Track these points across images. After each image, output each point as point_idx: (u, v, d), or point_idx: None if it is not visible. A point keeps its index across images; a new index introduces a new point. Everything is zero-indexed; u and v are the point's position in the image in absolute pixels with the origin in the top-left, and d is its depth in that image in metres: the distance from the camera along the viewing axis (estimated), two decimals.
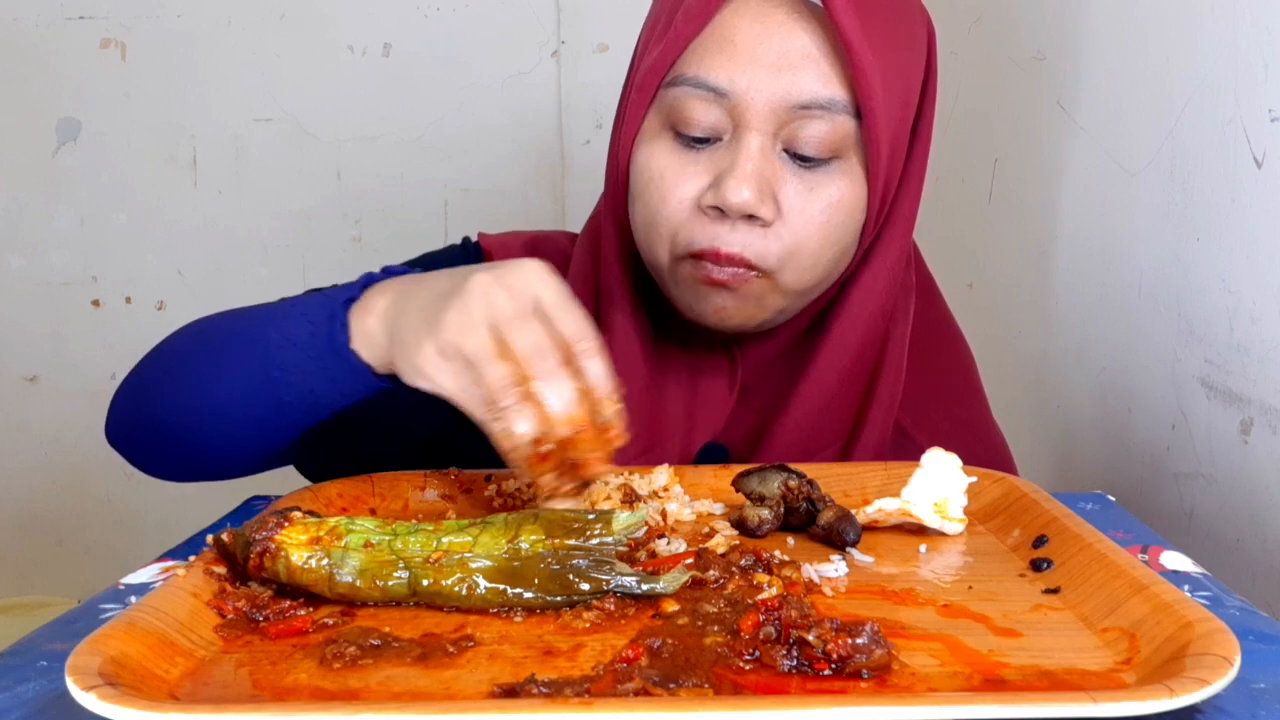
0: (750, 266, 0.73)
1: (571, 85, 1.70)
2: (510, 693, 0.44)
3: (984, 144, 1.40)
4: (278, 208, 1.72)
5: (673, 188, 0.75)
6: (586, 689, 0.44)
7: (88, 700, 0.41)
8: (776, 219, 0.73)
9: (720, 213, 0.73)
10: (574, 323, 0.62)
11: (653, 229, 0.76)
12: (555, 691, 0.44)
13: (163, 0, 1.67)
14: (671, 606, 0.53)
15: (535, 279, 0.62)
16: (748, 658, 0.47)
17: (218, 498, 0.83)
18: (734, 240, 0.73)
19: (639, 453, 0.79)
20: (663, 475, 0.70)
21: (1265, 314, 0.82)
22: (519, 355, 0.59)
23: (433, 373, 0.61)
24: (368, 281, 0.68)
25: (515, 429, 0.59)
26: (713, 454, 0.81)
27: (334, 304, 0.67)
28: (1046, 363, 1.22)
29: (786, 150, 0.73)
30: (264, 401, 0.68)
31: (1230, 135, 0.85)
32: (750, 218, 0.72)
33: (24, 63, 1.67)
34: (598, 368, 0.61)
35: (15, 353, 1.73)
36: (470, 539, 0.55)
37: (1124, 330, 1.03)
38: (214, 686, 0.46)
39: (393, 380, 0.66)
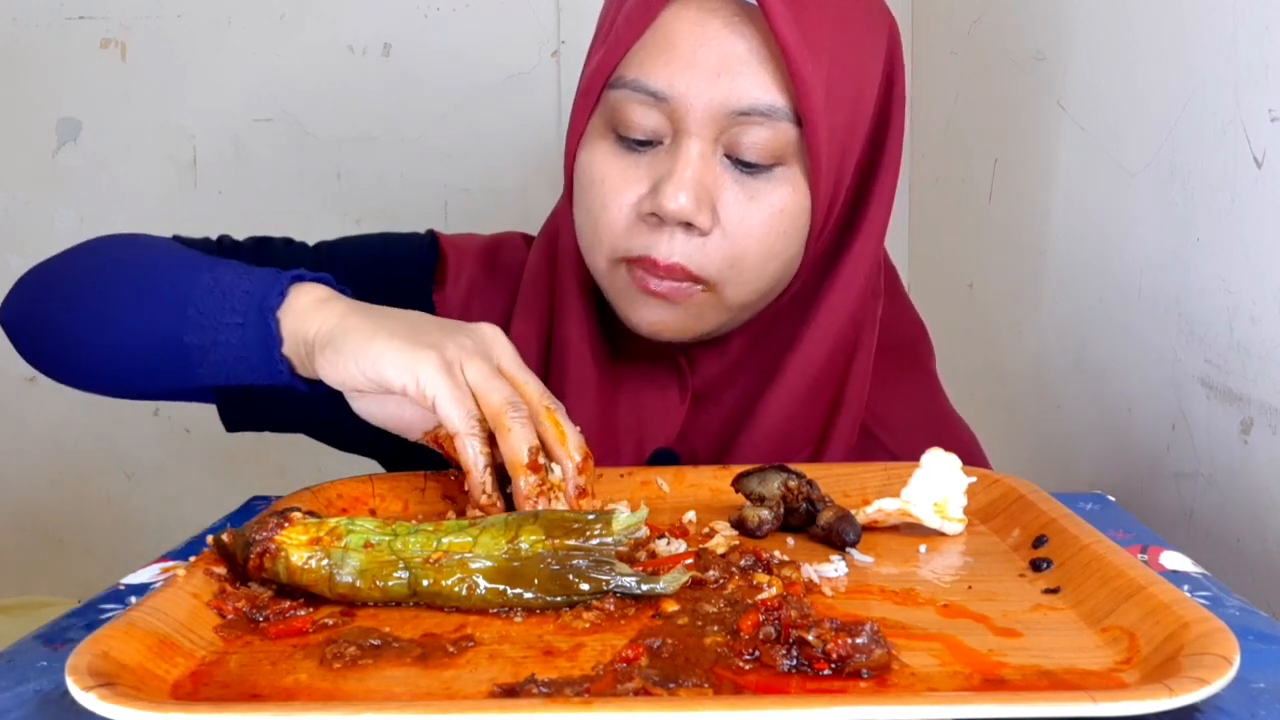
0: (691, 278, 0.73)
1: (571, 85, 1.68)
2: (510, 693, 0.44)
3: (984, 144, 1.40)
4: (278, 208, 1.72)
5: (613, 194, 0.74)
6: (586, 689, 0.44)
7: (88, 700, 0.41)
8: (715, 228, 0.72)
9: (658, 220, 0.72)
10: (536, 384, 0.66)
11: (592, 235, 0.76)
12: (555, 691, 0.44)
13: (163, 0, 1.67)
14: (671, 606, 0.53)
15: (494, 341, 0.67)
16: (748, 658, 0.47)
17: (218, 498, 0.83)
18: (673, 250, 0.72)
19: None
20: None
21: (1265, 314, 0.82)
22: (495, 406, 0.63)
23: (423, 375, 0.63)
24: (289, 281, 0.69)
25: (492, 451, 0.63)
26: (664, 460, 0.80)
27: (265, 307, 0.67)
28: (1046, 363, 1.22)
29: (728, 156, 0.72)
30: (169, 354, 0.70)
31: (1230, 135, 0.85)
32: (688, 226, 0.71)
33: (24, 63, 1.67)
34: (572, 427, 0.66)
35: (15, 353, 1.72)
36: (470, 539, 0.55)
37: (1124, 330, 1.03)
38: (214, 686, 0.46)
39: (308, 384, 0.69)
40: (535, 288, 0.84)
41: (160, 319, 0.70)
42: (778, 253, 0.74)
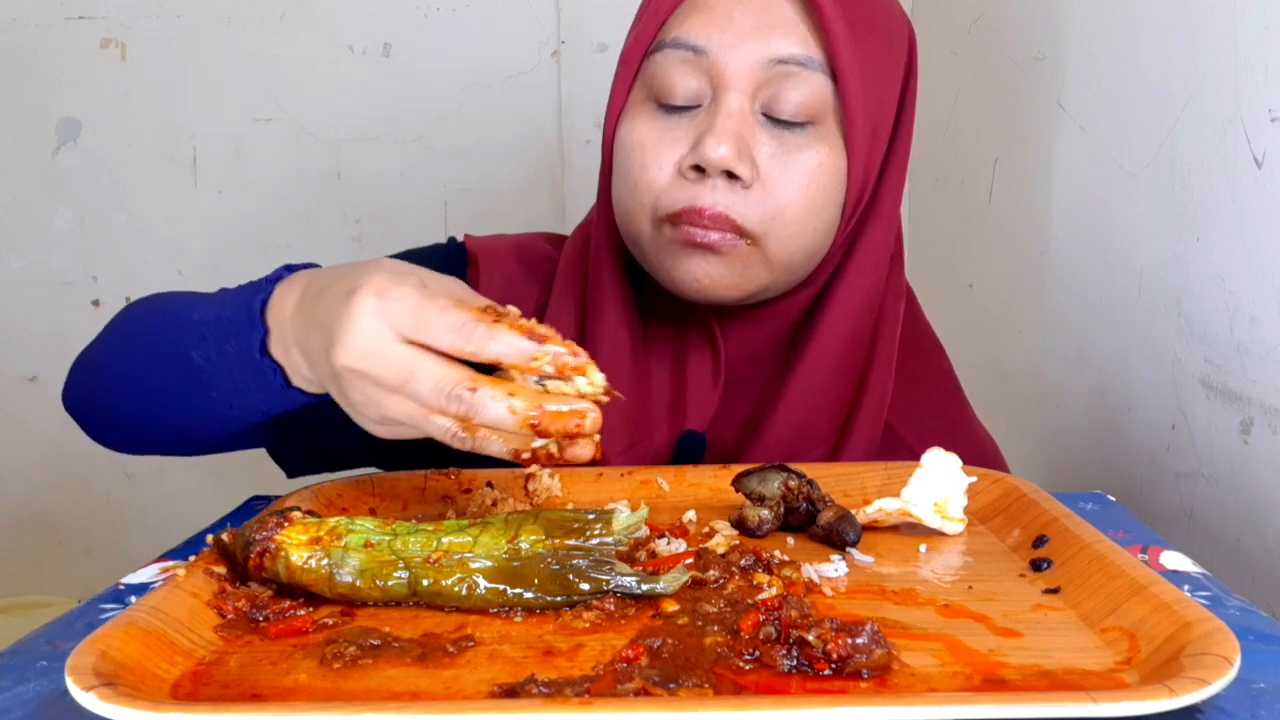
0: (736, 229, 0.73)
1: (571, 85, 1.70)
2: (510, 693, 0.44)
3: (984, 144, 1.40)
4: (278, 208, 1.72)
5: (653, 155, 0.75)
6: (586, 689, 0.44)
7: (88, 700, 0.41)
8: (755, 181, 0.73)
9: (699, 174, 0.73)
10: (446, 327, 0.54)
11: (633, 197, 0.76)
12: (555, 691, 0.44)
13: (163, 0, 1.67)
14: (671, 606, 0.53)
15: (373, 319, 0.55)
16: (748, 658, 0.47)
17: (218, 498, 0.83)
18: (716, 199, 0.73)
19: (627, 446, 0.79)
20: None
21: (1265, 314, 0.82)
22: (434, 407, 0.55)
23: (388, 436, 0.59)
24: (265, 295, 0.65)
25: (490, 452, 0.56)
26: (691, 443, 0.81)
27: (250, 346, 0.64)
28: (1046, 363, 1.22)
29: (765, 114, 0.74)
30: (185, 378, 0.67)
31: (1230, 135, 0.85)
32: (730, 178, 0.72)
33: (24, 63, 1.67)
34: (504, 343, 0.54)
35: (15, 353, 1.73)
36: (470, 539, 0.55)
37: (1124, 330, 1.03)
38: (214, 686, 0.46)
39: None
40: (571, 273, 0.84)
41: (173, 344, 0.69)
42: (819, 208, 0.75)
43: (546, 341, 0.55)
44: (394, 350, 0.55)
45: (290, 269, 0.68)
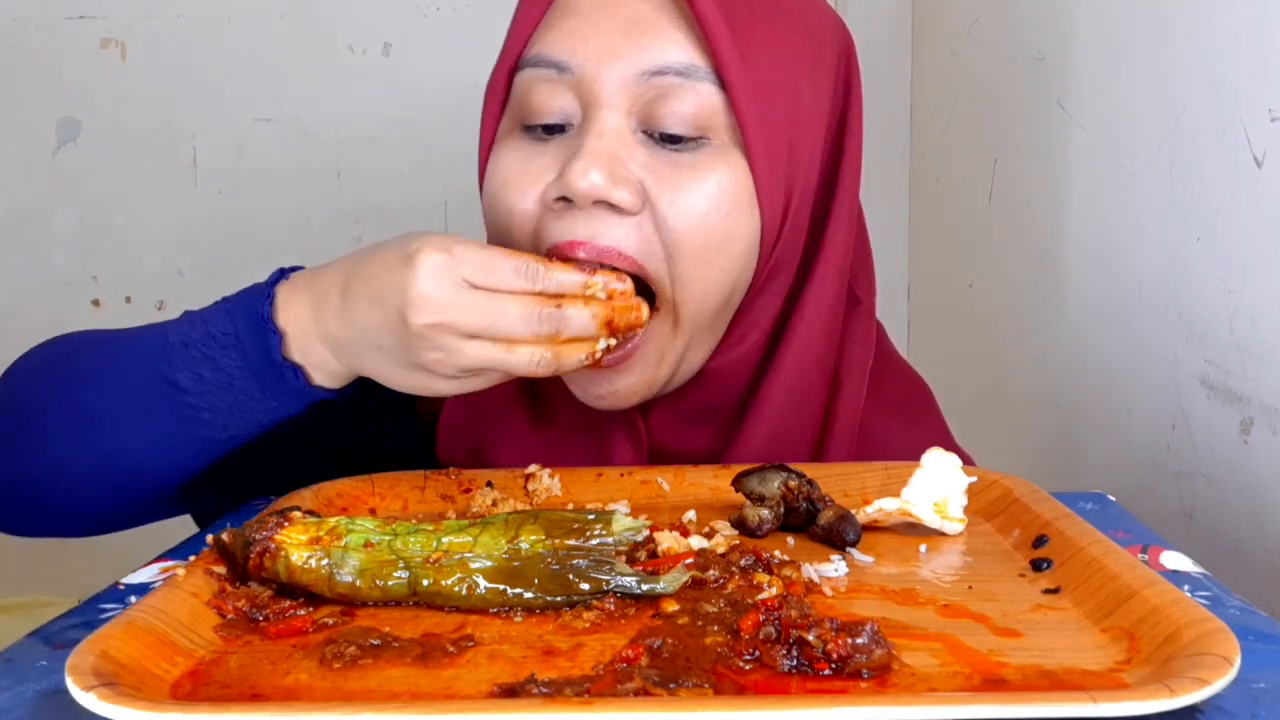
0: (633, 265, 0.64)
1: None
2: (510, 693, 0.44)
3: (984, 144, 1.40)
4: (278, 208, 1.72)
5: (516, 190, 0.66)
6: (586, 689, 0.44)
7: (88, 700, 0.41)
8: (642, 211, 0.63)
9: (567, 205, 0.64)
10: (513, 270, 0.60)
11: (501, 242, 0.67)
12: (555, 691, 0.44)
13: (163, 0, 1.67)
14: (671, 606, 0.53)
15: (443, 274, 0.59)
16: (748, 658, 0.47)
17: None
18: (594, 230, 0.63)
19: None
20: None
21: (1265, 314, 0.82)
22: (523, 338, 0.60)
23: (456, 392, 0.63)
24: (267, 307, 0.65)
25: (569, 366, 0.62)
26: None
27: (266, 350, 0.64)
28: (1046, 363, 1.22)
29: (646, 132, 0.64)
30: (167, 437, 0.66)
31: (1230, 135, 0.85)
32: (609, 209, 0.63)
33: (24, 63, 1.67)
34: (563, 275, 0.61)
35: (15, 353, 1.72)
36: (470, 539, 0.55)
37: (1124, 330, 1.03)
38: (214, 686, 0.46)
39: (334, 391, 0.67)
40: None
41: (140, 373, 0.64)
42: (723, 241, 0.65)
43: (596, 272, 0.62)
44: (471, 297, 0.59)
45: (284, 273, 0.67)
